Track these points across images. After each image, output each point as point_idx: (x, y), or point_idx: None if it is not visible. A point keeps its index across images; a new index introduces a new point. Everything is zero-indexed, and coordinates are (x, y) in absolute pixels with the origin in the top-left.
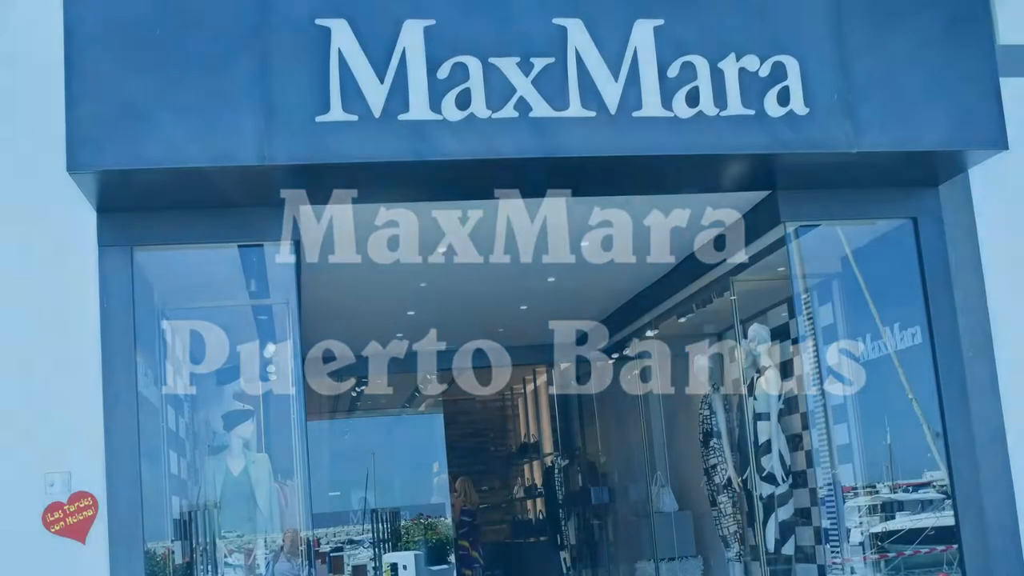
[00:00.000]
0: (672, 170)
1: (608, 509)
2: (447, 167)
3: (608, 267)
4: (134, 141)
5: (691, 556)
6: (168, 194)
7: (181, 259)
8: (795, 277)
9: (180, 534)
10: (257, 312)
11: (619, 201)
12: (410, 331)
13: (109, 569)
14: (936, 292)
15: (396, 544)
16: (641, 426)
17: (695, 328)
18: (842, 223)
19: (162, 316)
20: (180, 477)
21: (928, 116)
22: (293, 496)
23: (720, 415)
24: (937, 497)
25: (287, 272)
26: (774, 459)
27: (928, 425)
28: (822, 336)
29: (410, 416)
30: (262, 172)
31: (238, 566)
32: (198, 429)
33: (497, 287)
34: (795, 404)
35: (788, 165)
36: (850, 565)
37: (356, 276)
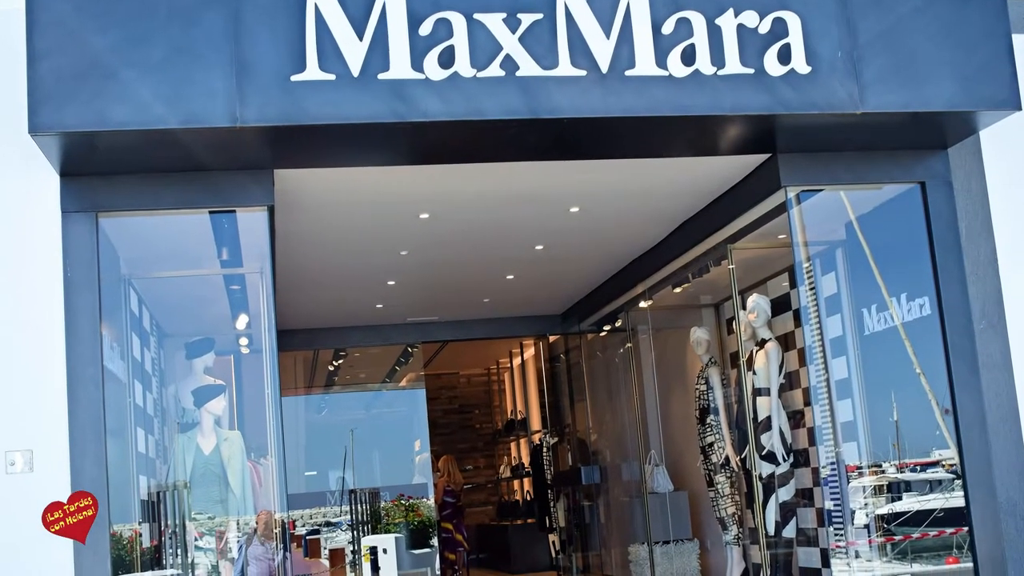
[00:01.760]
0: (666, 132)
1: (599, 489)
2: (429, 129)
3: (599, 234)
4: (99, 101)
5: (687, 539)
6: (135, 157)
7: (149, 226)
8: (797, 245)
9: (148, 516)
10: (229, 282)
11: (611, 164)
12: (391, 301)
13: (73, 552)
14: (945, 261)
15: (376, 526)
16: (634, 402)
17: (691, 298)
18: (846, 188)
19: (129, 286)
20: (148, 456)
21: (937, 75)
22: (267, 476)
23: (718, 390)
24: (946, 477)
25: (261, 240)
26: (774, 437)
27: (937, 401)
28: (825, 307)
29: (391, 391)
30: (234, 134)
31: (209, 549)
32: (167, 405)
33: (482, 255)
34: (796, 379)
35: (789, 127)
36: (854, 549)
37: (334, 244)
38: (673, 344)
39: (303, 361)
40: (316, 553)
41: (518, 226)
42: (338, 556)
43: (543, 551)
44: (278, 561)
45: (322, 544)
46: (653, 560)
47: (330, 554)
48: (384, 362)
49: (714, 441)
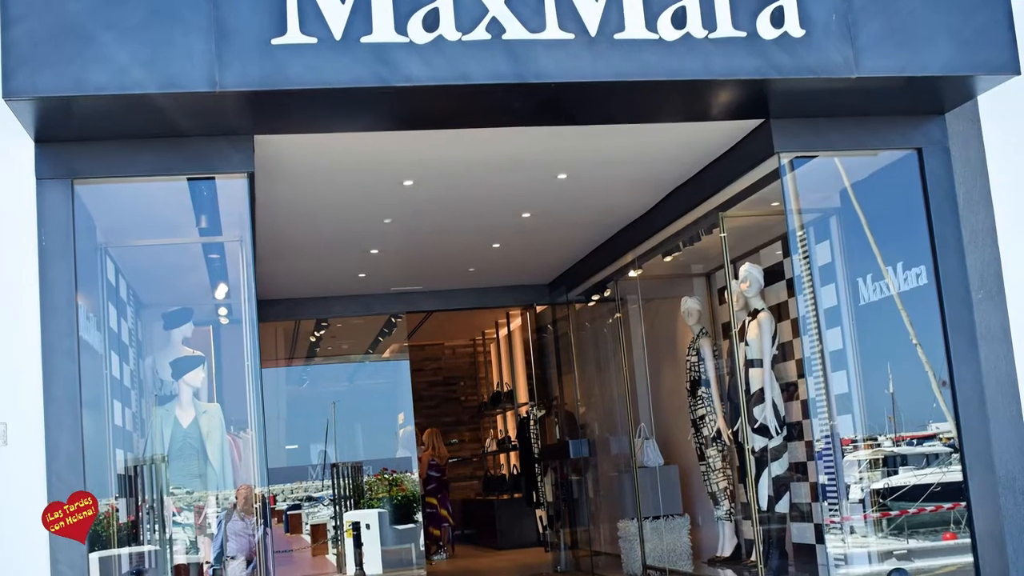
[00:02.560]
0: (657, 97)
1: (587, 464)
2: (413, 94)
3: (587, 201)
4: (75, 65)
5: (677, 514)
6: (112, 123)
7: (126, 193)
8: (790, 213)
9: (125, 490)
10: (208, 251)
11: (599, 130)
12: (374, 270)
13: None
14: (942, 229)
15: (358, 501)
16: (624, 374)
17: (682, 268)
18: (841, 154)
19: (105, 255)
20: (125, 429)
21: (934, 39)
22: (247, 449)
23: (709, 362)
24: (943, 451)
25: (240, 207)
26: (767, 410)
27: (934, 373)
28: (819, 276)
29: (374, 363)
30: (213, 99)
31: (187, 525)
32: (144, 377)
33: (467, 223)
34: (790, 350)
35: (782, 92)
36: (849, 524)
37: (315, 212)
38: (663, 314)
39: (284, 332)
40: (297, 529)
41: (504, 193)
42: (320, 532)
43: (530, 527)
44: (258, 537)
45: (303, 519)
46: (643, 536)
47: (311, 529)
48: (367, 333)
49: (705, 414)
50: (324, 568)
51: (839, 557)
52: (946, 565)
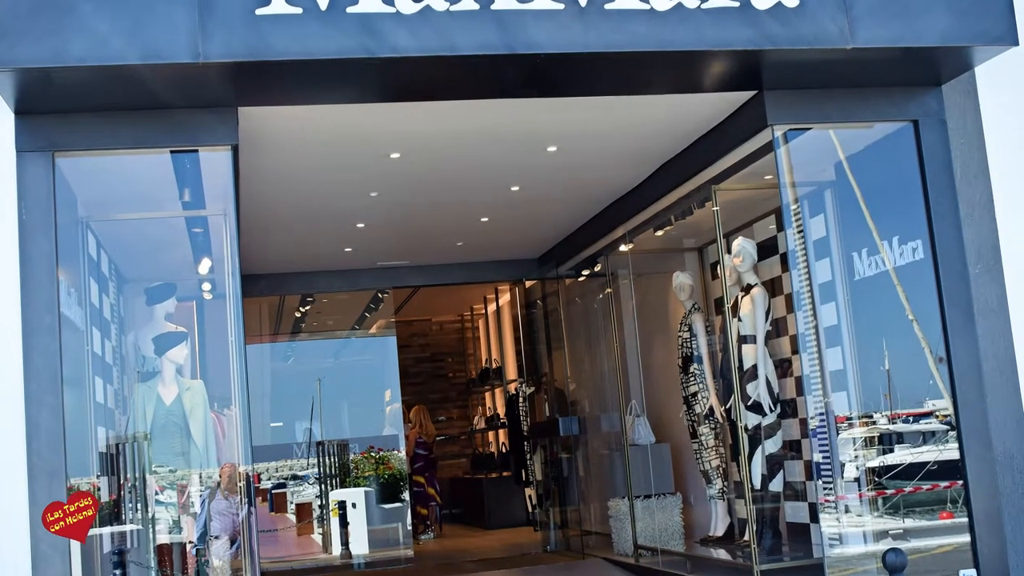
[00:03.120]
0: (648, 68)
1: (578, 442)
2: (400, 65)
3: (577, 174)
4: (55, 36)
5: (669, 493)
6: (93, 94)
7: (107, 166)
8: (784, 186)
9: (106, 469)
10: (191, 224)
11: (590, 102)
12: (360, 245)
13: (28, 506)
14: (939, 202)
15: (344, 480)
16: (614, 350)
17: (674, 242)
18: (835, 126)
19: (87, 229)
20: (106, 406)
21: (930, 8)
22: (231, 427)
23: (701, 338)
24: (940, 428)
25: (224, 180)
26: (760, 386)
27: (930, 349)
28: (814, 251)
29: (360, 339)
30: (196, 70)
31: (170, 504)
32: (126, 353)
33: (455, 197)
34: (784, 326)
35: (776, 63)
36: (844, 503)
37: (300, 185)
38: (655, 289)
39: (268, 307)
40: (282, 508)
41: (493, 166)
42: (305, 511)
43: (519, 506)
44: (242, 516)
45: (288, 498)
46: (634, 515)
47: (297, 509)
48: (353, 308)
49: (697, 391)
50: (309, 548)
51: (834, 537)
52: (943, 545)
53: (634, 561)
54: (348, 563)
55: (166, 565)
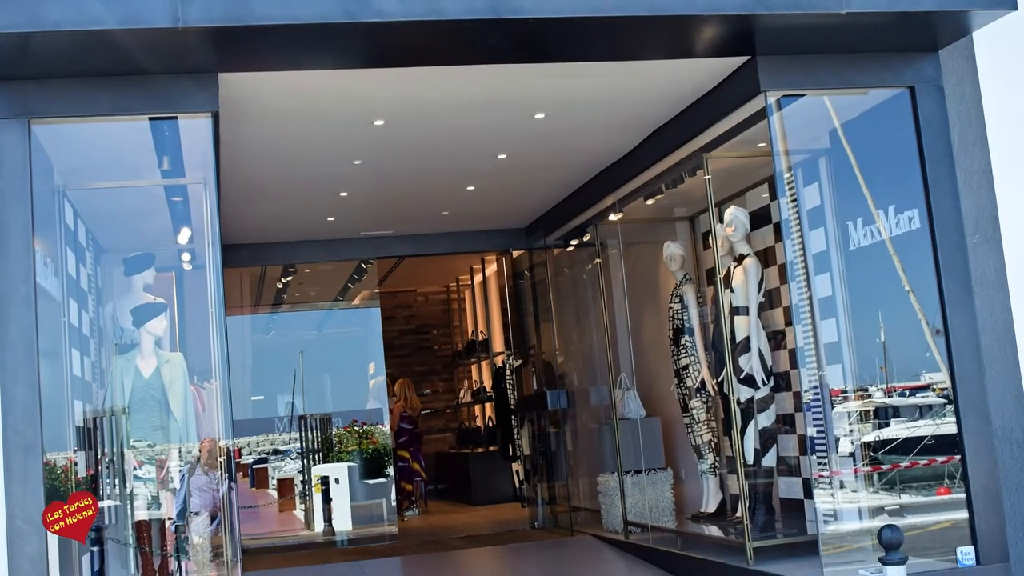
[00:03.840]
0: (638, 33)
1: (566, 416)
2: (385, 30)
3: (565, 142)
4: (31, 0)
5: (659, 468)
6: (70, 60)
7: (85, 134)
8: (777, 154)
9: (83, 443)
10: (171, 193)
11: (579, 68)
12: (343, 214)
13: (3, 482)
14: (936, 171)
15: (327, 455)
16: (604, 322)
17: (665, 211)
18: (830, 93)
19: (63, 198)
20: (84, 379)
21: None
22: (211, 401)
23: (693, 309)
24: (937, 402)
25: (204, 148)
26: (753, 359)
27: (927, 321)
28: (808, 220)
29: (343, 310)
30: (176, 35)
31: (149, 479)
32: (104, 325)
33: (441, 165)
34: (777, 297)
35: (769, 27)
36: (839, 478)
37: (282, 153)
38: (645, 260)
39: (249, 278)
40: (263, 483)
41: (479, 134)
42: (287, 486)
43: (506, 481)
44: (222, 492)
45: (270, 474)
46: (624, 491)
47: (278, 484)
48: (336, 279)
49: (689, 363)
50: (291, 525)
51: (828, 513)
52: (940, 521)
53: (624, 538)
54: (331, 540)
55: (145, 542)
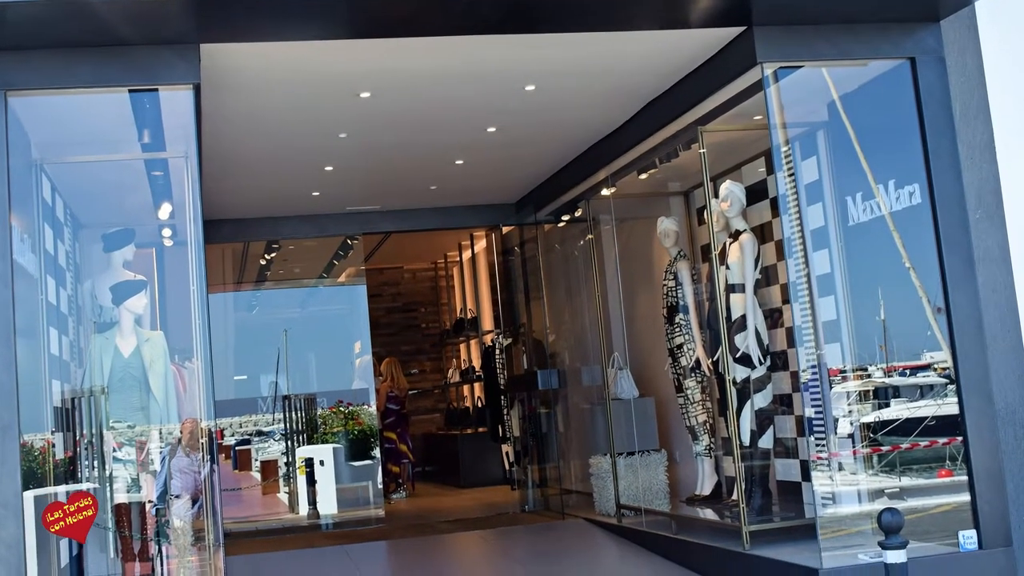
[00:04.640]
0: (632, 2)
1: (557, 396)
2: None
3: (556, 115)
4: None
5: (653, 450)
6: (47, 30)
7: (63, 106)
8: (774, 127)
9: (61, 424)
10: (151, 167)
11: (570, 39)
12: (329, 189)
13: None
14: (937, 144)
15: (312, 436)
16: (596, 299)
17: (658, 186)
18: (828, 64)
19: (41, 172)
20: (61, 358)
21: None
22: (192, 380)
23: (687, 287)
24: (938, 382)
25: (185, 121)
26: (750, 338)
27: (928, 298)
28: (805, 195)
29: (328, 287)
30: (156, 4)
31: (129, 461)
32: (82, 303)
33: (429, 138)
34: (774, 274)
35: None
36: (837, 460)
37: (266, 125)
38: (638, 236)
39: (232, 254)
40: (246, 465)
41: (468, 106)
42: (270, 468)
43: (495, 463)
44: (204, 474)
45: (253, 455)
46: (616, 473)
47: (261, 466)
48: (321, 255)
49: (683, 342)
50: (275, 508)
51: (826, 496)
52: (941, 504)
53: (616, 521)
54: (316, 523)
55: (124, 525)
